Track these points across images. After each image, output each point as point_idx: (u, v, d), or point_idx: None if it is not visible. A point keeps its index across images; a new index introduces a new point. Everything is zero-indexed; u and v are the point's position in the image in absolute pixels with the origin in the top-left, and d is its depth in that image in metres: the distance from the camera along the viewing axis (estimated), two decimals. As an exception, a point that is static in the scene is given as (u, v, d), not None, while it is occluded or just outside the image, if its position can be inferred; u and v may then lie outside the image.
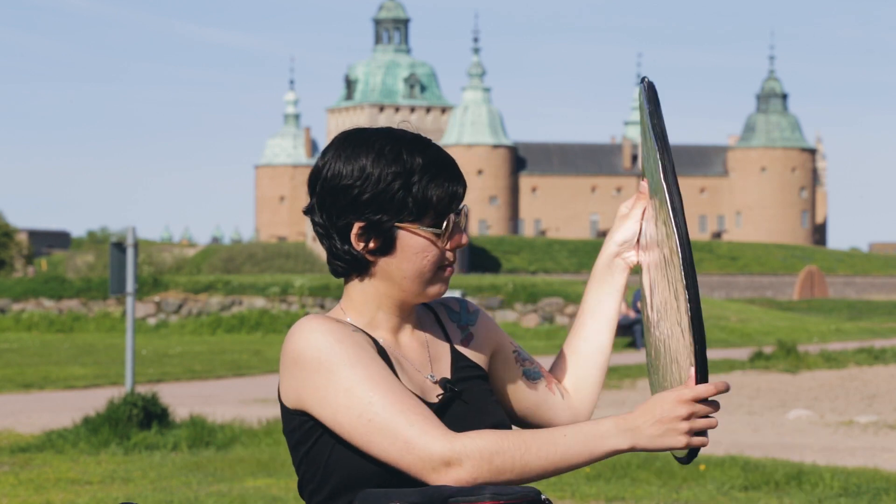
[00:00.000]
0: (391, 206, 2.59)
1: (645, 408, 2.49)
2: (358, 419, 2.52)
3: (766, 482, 10.83)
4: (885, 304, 66.09)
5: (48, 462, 12.55)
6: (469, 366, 2.74)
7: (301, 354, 2.56)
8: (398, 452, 2.50)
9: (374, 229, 2.60)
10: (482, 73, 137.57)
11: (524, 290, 44.24)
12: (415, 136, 2.65)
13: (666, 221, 2.56)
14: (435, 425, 2.50)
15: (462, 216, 2.65)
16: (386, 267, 2.63)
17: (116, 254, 14.30)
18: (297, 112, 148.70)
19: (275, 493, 10.53)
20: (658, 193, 2.62)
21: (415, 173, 2.59)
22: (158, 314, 42.80)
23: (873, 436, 15.27)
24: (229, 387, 21.89)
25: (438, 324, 2.79)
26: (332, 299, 43.10)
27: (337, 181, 2.61)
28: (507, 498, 2.42)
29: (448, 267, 2.66)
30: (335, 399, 2.54)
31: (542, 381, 2.84)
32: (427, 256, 2.62)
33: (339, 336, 2.56)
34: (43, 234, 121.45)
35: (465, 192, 2.66)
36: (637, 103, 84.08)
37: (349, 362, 2.54)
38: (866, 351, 29.46)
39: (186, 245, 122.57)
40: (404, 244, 2.61)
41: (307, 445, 2.61)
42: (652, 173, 2.67)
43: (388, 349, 2.65)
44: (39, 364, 26.54)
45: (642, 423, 2.48)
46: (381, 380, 2.54)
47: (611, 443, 2.50)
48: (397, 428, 2.50)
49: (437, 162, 2.61)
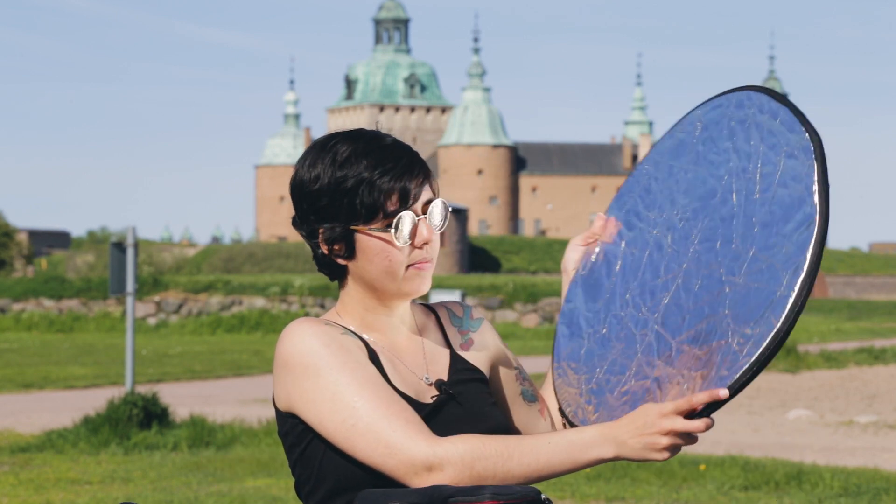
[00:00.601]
0: (342, 211, 2.60)
1: (630, 418, 2.49)
2: (342, 424, 2.53)
3: (766, 482, 10.83)
4: (885, 304, 66.14)
5: (48, 462, 12.55)
6: (467, 368, 2.74)
7: (289, 359, 2.58)
8: (381, 457, 2.51)
9: (334, 234, 2.63)
10: (482, 73, 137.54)
11: (524, 290, 44.27)
12: (374, 135, 2.66)
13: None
14: (418, 430, 2.51)
15: (432, 210, 2.63)
16: (356, 270, 2.65)
17: (116, 254, 14.30)
18: (297, 112, 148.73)
19: (275, 493, 10.53)
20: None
21: (362, 174, 2.59)
22: (158, 314, 42.81)
23: (873, 436, 15.27)
24: (229, 387, 21.90)
25: (439, 326, 2.79)
26: (331, 299, 43.14)
27: (301, 188, 2.65)
28: (506, 498, 2.41)
29: (420, 264, 2.64)
30: (321, 403, 2.55)
31: (536, 404, 2.85)
32: (388, 257, 2.61)
33: (326, 340, 2.58)
34: (43, 234, 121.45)
35: (423, 186, 2.62)
36: (637, 103, 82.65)
37: (335, 367, 2.55)
38: (866, 351, 29.49)
39: (186, 245, 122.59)
40: (363, 247, 2.62)
41: (300, 448, 2.62)
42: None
43: (381, 351, 2.66)
44: (39, 364, 26.55)
45: (626, 433, 2.48)
46: (367, 384, 2.55)
47: (595, 452, 2.49)
48: (380, 432, 2.51)
49: (384, 160, 2.60)
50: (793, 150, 2.53)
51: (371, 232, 2.61)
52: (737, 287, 2.52)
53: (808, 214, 2.47)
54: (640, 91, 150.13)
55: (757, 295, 2.48)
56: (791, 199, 2.50)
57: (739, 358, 2.46)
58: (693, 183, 2.69)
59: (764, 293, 2.47)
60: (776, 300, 2.45)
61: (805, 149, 2.52)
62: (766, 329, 2.44)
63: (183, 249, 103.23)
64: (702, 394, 2.46)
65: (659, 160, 2.79)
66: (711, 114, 2.72)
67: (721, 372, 2.47)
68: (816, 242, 2.46)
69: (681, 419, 2.45)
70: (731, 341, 2.48)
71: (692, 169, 2.71)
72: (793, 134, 2.54)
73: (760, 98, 2.63)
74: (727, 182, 2.62)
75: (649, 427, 2.46)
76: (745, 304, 2.49)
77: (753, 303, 2.48)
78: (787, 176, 2.52)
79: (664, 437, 2.46)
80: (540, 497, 2.45)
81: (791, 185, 2.51)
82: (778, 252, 2.48)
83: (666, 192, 2.74)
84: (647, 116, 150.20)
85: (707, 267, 2.59)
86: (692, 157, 2.72)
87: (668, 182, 2.75)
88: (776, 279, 2.46)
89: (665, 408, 2.46)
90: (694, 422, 2.45)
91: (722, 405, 2.48)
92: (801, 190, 2.49)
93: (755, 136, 2.60)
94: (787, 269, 2.46)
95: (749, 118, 2.63)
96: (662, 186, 2.76)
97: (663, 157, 2.78)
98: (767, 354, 2.44)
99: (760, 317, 2.46)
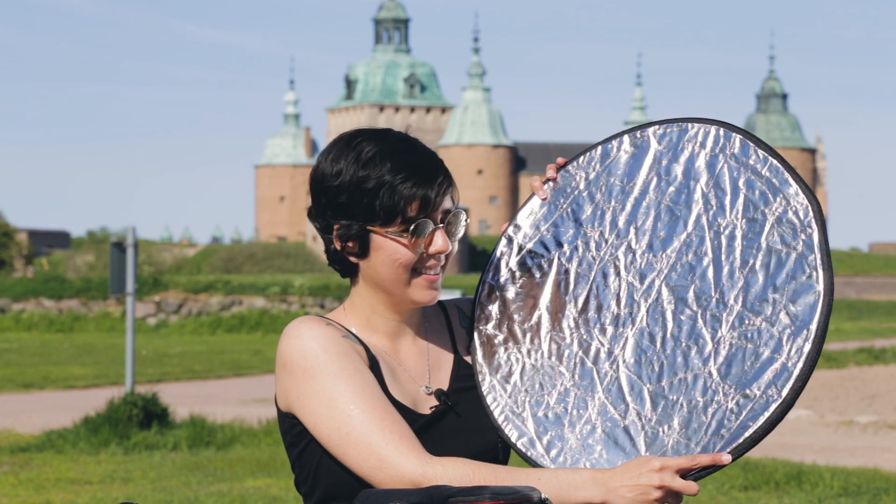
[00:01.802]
0: (361, 210, 2.58)
1: (626, 466, 2.47)
2: (336, 431, 2.53)
3: (766, 482, 10.83)
4: (885, 304, 66.13)
5: (48, 462, 12.55)
6: (471, 374, 2.72)
7: (289, 360, 2.58)
8: (371, 468, 2.50)
9: (350, 232, 2.61)
10: (482, 73, 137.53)
11: (524, 290, 44.25)
12: (401, 138, 2.63)
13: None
14: (411, 446, 2.50)
15: (452, 221, 2.62)
16: (367, 270, 2.63)
17: (116, 254, 14.30)
18: (297, 112, 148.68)
19: (275, 493, 10.53)
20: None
21: (385, 177, 2.57)
22: (158, 314, 42.81)
23: (873, 436, 15.27)
24: (229, 387, 21.90)
25: (447, 328, 2.77)
26: (331, 299, 43.14)
27: (321, 182, 2.62)
28: (506, 498, 2.41)
29: (431, 274, 2.62)
30: (317, 408, 2.54)
31: None
32: (399, 261, 2.59)
33: (327, 344, 2.56)
34: (43, 234, 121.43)
35: (446, 195, 2.60)
36: (637, 103, 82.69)
37: (333, 372, 2.54)
38: (866, 351, 29.49)
39: (186, 245, 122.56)
40: (377, 248, 2.60)
41: (299, 448, 2.62)
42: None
43: (382, 356, 2.64)
44: (39, 364, 26.55)
45: (619, 482, 2.45)
46: (364, 392, 2.54)
47: (584, 494, 2.47)
48: (373, 444, 2.50)
49: (409, 165, 2.58)
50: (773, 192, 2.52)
51: (388, 234, 2.59)
52: (722, 342, 2.48)
53: (810, 274, 2.44)
54: (640, 91, 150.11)
55: (753, 357, 2.45)
56: (786, 251, 2.47)
57: (739, 421, 2.43)
58: (651, 208, 2.64)
59: (761, 356, 2.44)
60: (781, 368, 2.42)
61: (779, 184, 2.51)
62: (773, 396, 2.41)
63: (183, 249, 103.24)
64: (704, 456, 2.44)
65: (590, 175, 2.73)
66: (666, 140, 2.68)
67: (720, 433, 2.45)
68: (824, 305, 2.42)
69: (678, 478, 2.44)
70: (727, 404, 2.44)
71: (648, 192, 2.65)
72: (773, 174, 2.53)
73: (717, 132, 2.61)
74: (698, 216, 2.58)
75: (644, 479, 2.44)
76: (738, 365, 2.45)
77: (749, 365, 2.44)
78: (778, 224, 2.50)
79: (657, 491, 2.44)
80: (540, 497, 2.45)
81: (787, 235, 2.49)
82: (775, 313, 2.44)
83: (612, 212, 2.69)
84: (647, 116, 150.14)
85: (680, 311, 2.54)
86: (645, 180, 2.67)
87: (616, 202, 2.68)
88: (778, 345, 2.43)
89: (667, 463, 2.44)
90: (690, 483, 2.43)
91: (719, 469, 2.47)
92: (796, 244, 2.47)
93: (730, 174, 2.58)
94: (793, 335, 2.42)
95: (720, 159, 2.60)
96: (602, 204, 2.70)
97: (597, 170, 2.72)
98: (773, 422, 2.41)
99: (760, 382, 2.42)
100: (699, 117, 2.65)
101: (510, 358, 2.70)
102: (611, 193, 2.70)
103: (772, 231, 2.49)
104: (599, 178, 2.72)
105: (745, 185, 2.55)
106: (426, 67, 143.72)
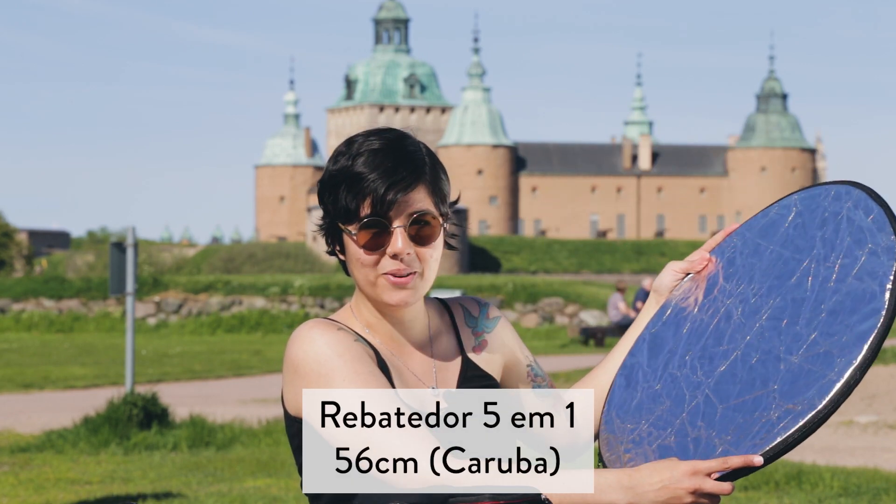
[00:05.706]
0: (333, 207, 2.56)
1: (653, 469, 2.43)
2: None
3: (766, 482, 10.82)
4: (885, 304, 66.08)
5: (48, 462, 12.55)
6: (478, 375, 2.70)
7: (301, 364, 2.54)
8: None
9: (324, 228, 2.60)
10: (482, 73, 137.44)
11: (524, 290, 44.28)
12: (390, 137, 2.57)
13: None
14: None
15: (426, 223, 2.55)
16: (349, 269, 2.63)
17: (116, 254, 14.29)
18: (297, 112, 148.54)
19: (275, 493, 10.53)
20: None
21: (348, 173, 2.53)
22: (158, 314, 42.80)
23: (873, 436, 15.27)
24: (229, 387, 21.90)
25: (453, 327, 2.74)
26: (331, 299, 43.14)
27: (321, 181, 2.62)
28: (507, 498, 2.41)
29: (395, 276, 2.56)
30: None
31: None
32: (360, 260, 2.56)
33: (340, 349, 2.53)
34: (43, 234, 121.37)
35: (408, 195, 2.52)
36: (637, 103, 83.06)
37: (348, 378, 2.51)
38: (866, 351, 29.45)
39: (186, 245, 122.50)
40: (347, 246, 2.58)
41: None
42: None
43: (387, 357, 2.62)
44: (39, 364, 26.54)
45: (647, 485, 2.41)
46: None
47: (609, 497, 2.41)
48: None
49: (373, 162, 2.53)
50: (877, 248, 2.57)
51: (348, 233, 2.56)
52: (791, 366, 2.55)
53: (876, 310, 2.51)
54: (640, 91, 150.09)
55: (808, 376, 2.51)
56: (863, 293, 2.54)
57: (776, 428, 2.48)
58: (774, 262, 2.73)
59: (815, 375, 2.51)
60: (824, 383, 2.48)
61: (889, 249, 2.56)
62: (807, 407, 2.48)
63: (183, 249, 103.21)
64: (736, 458, 2.43)
65: (748, 236, 2.84)
66: (808, 202, 2.76)
67: (756, 440, 2.49)
68: (877, 337, 2.50)
69: (710, 480, 2.41)
70: (772, 414, 2.50)
71: (777, 250, 2.75)
72: (881, 234, 2.59)
73: (859, 194, 2.68)
74: (806, 267, 2.66)
75: (675, 482, 2.40)
76: (795, 383, 2.52)
77: (802, 382, 2.51)
78: (864, 271, 2.56)
79: (690, 494, 2.40)
80: (540, 497, 2.45)
81: (867, 280, 2.55)
82: (838, 340, 2.52)
83: (747, 268, 2.78)
84: (646, 116, 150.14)
85: (768, 343, 2.62)
86: (780, 239, 2.76)
87: (752, 259, 2.79)
88: (830, 364, 2.50)
89: (699, 466, 2.41)
90: (723, 484, 2.42)
91: (752, 472, 2.46)
92: (874, 286, 2.54)
93: (844, 229, 2.65)
94: (842, 357, 2.49)
95: (843, 212, 2.67)
96: (745, 262, 2.80)
97: (752, 234, 2.82)
98: (805, 430, 2.47)
99: (805, 396, 2.49)
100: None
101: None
102: (745, 249, 2.86)
103: (860, 269, 2.59)
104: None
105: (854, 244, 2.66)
106: (426, 67, 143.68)
